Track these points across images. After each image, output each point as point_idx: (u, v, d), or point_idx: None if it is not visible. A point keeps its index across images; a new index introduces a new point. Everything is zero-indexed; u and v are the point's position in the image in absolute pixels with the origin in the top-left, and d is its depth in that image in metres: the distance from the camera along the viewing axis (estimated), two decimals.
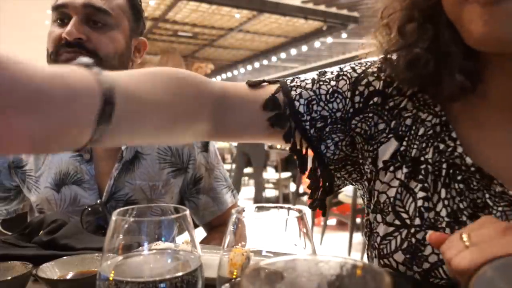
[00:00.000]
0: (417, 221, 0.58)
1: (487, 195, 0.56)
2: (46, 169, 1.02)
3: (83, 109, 0.38)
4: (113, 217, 0.40)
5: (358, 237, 3.71)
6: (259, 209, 0.46)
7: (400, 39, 0.60)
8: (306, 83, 0.66)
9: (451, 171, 0.58)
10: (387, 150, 0.62)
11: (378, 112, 0.64)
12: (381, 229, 0.61)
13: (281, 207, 0.45)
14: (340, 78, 0.66)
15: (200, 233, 1.12)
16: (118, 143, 0.48)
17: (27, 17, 4.39)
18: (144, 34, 1.09)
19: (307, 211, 0.60)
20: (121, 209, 0.41)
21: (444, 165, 0.59)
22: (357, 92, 0.65)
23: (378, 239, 0.61)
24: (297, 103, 0.64)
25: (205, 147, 1.10)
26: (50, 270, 0.61)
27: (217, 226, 1.12)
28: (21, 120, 0.34)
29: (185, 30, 8.00)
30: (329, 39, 8.04)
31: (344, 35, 7.60)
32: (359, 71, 0.66)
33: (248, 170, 6.73)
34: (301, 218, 0.42)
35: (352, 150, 0.67)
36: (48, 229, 0.79)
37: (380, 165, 0.63)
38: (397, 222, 0.60)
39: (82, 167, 1.01)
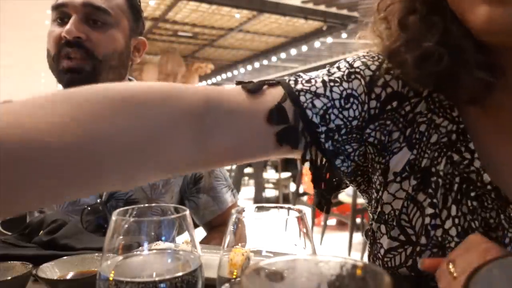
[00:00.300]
0: (423, 240, 0.53)
1: (502, 216, 0.51)
2: None
3: None
4: (113, 217, 0.40)
5: (358, 237, 3.71)
6: (259, 209, 0.46)
7: (402, 33, 0.53)
8: (317, 87, 0.55)
9: (464, 186, 0.52)
10: (399, 161, 0.56)
11: (394, 118, 0.56)
12: (385, 242, 0.57)
13: (281, 207, 0.45)
14: (353, 77, 0.56)
15: (200, 233, 1.12)
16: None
17: (27, 17, 4.40)
18: (144, 34, 1.10)
19: (307, 211, 0.56)
20: (121, 209, 0.41)
21: (457, 179, 0.52)
22: (373, 96, 0.56)
23: (382, 251, 0.57)
24: (309, 113, 0.53)
25: None
26: (50, 270, 0.61)
27: (217, 225, 1.12)
28: None
29: (185, 30, 8.00)
30: (329, 39, 8.04)
31: (344, 35, 7.60)
32: (373, 67, 0.57)
33: (248, 170, 6.73)
34: (301, 218, 0.42)
35: (364, 160, 0.59)
36: (48, 229, 0.80)
37: (391, 177, 0.56)
38: (402, 237, 0.55)
39: None
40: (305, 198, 4.43)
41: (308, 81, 0.56)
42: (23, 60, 4.50)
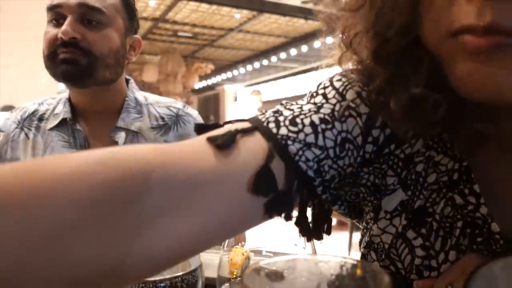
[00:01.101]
0: (414, 277, 0.48)
1: None
2: None
3: None
4: None
5: (358, 237, 3.71)
6: None
7: (379, 68, 0.43)
8: (306, 134, 0.43)
9: (468, 230, 0.46)
10: (392, 201, 0.50)
11: (390, 161, 0.49)
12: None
13: None
14: (347, 114, 0.46)
15: None
16: None
17: (27, 17, 4.39)
18: (144, 34, 1.12)
19: (307, 211, 0.47)
20: None
21: (459, 224, 0.47)
22: (370, 139, 0.47)
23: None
24: (304, 166, 0.42)
25: None
26: None
27: None
28: None
29: (185, 30, 8.00)
30: (329, 39, 8.03)
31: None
32: (368, 101, 0.47)
33: None
34: None
35: (355, 198, 0.54)
36: None
37: (382, 215, 0.51)
38: (392, 268, 0.51)
39: None
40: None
41: (293, 122, 0.43)
42: (23, 60, 4.50)
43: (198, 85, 11.53)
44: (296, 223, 0.44)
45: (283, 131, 0.42)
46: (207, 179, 0.35)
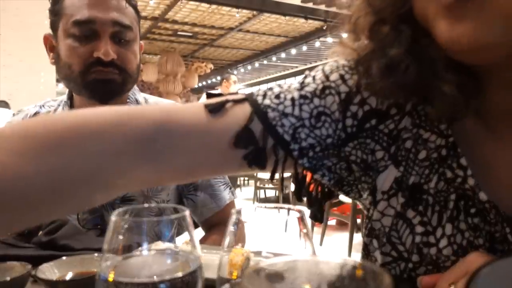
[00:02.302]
0: (416, 258, 0.51)
1: (507, 229, 0.48)
2: None
3: None
4: (113, 217, 0.39)
5: (359, 238, 3.71)
6: (259, 209, 0.46)
7: (370, 42, 0.49)
8: (285, 106, 0.52)
9: (462, 203, 0.50)
10: (386, 179, 0.53)
11: (375, 137, 0.53)
12: (379, 257, 0.55)
13: (281, 208, 0.45)
14: (327, 92, 0.53)
15: (200, 233, 1.12)
16: None
17: (28, 17, 4.39)
18: (144, 33, 1.11)
19: (307, 212, 0.55)
20: (121, 209, 0.41)
21: (453, 196, 0.50)
22: (349, 114, 0.53)
23: (377, 264, 0.56)
24: (280, 130, 0.51)
25: None
26: (49, 271, 0.60)
27: (215, 224, 1.12)
28: None
29: (185, 30, 8.00)
30: (330, 39, 8.03)
31: (344, 34, 7.59)
32: (350, 82, 0.53)
33: None
34: (301, 219, 0.41)
35: (349, 173, 0.57)
36: (47, 230, 0.79)
37: (379, 196, 0.54)
38: (393, 253, 0.53)
39: None
40: (305, 198, 4.42)
41: (277, 96, 0.53)
42: (23, 60, 4.50)
43: (198, 85, 11.52)
44: (271, 178, 0.55)
45: (267, 101, 0.52)
46: (198, 131, 0.49)
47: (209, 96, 0.53)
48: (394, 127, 0.53)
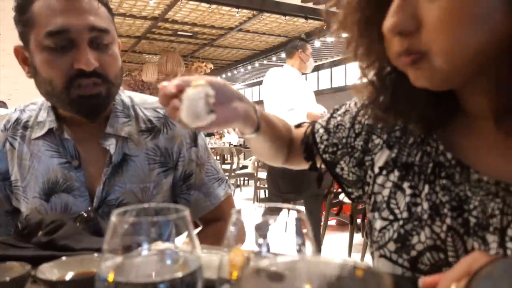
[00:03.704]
0: (405, 215, 0.65)
1: (467, 187, 0.60)
2: (32, 178, 0.98)
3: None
4: (113, 218, 0.39)
5: (359, 238, 3.71)
6: (259, 209, 0.45)
7: (374, 87, 0.67)
8: (325, 120, 0.85)
9: (436, 169, 0.64)
10: (381, 157, 0.72)
11: (373, 130, 0.75)
12: (378, 224, 0.68)
13: (281, 208, 0.45)
14: (347, 113, 0.81)
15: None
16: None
17: None
18: (144, 33, 1.09)
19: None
20: (121, 209, 0.41)
21: (430, 165, 0.65)
22: (356, 122, 0.78)
23: (376, 233, 0.68)
24: (317, 136, 0.84)
25: (194, 141, 1.08)
26: (49, 271, 0.60)
27: (212, 220, 1.11)
28: None
29: (185, 30, 8.00)
30: (329, 39, 8.03)
31: (344, 34, 7.59)
32: (358, 105, 0.79)
33: (248, 170, 6.72)
34: (301, 219, 0.41)
35: (359, 169, 0.77)
36: (47, 230, 0.79)
37: (377, 170, 0.72)
38: (390, 217, 0.67)
39: (71, 174, 0.97)
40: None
41: (325, 118, 0.85)
42: None
43: None
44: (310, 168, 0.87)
45: (320, 120, 0.86)
46: (296, 136, 0.89)
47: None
48: (385, 124, 0.74)
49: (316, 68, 11.02)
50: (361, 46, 0.65)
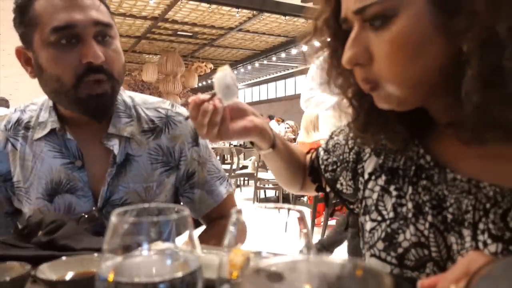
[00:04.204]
0: (392, 215, 0.69)
1: (444, 186, 0.64)
2: (35, 179, 0.98)
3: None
4: (113, 218, 0.39)
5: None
6: (259, 209, 0.45)
7: (353, 108, 0.73)
8: (325, 143, 0.92)
9: (418, 171, 0.69)
10: (370, 164, 0.78)
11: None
12: (368, 225, 0.73)
13: (281, 208, 0.45)
14: (342, 132, 0.88)
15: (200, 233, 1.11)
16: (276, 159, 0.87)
17: None
18: (144, 33, 1.09)
19: (307, 212, 0.60)
20: (121, 209, 0.41)
21: (413, 168, 0.70)
22: (349, 138, 0.85)
23: (366, 234, 0.72)
24: (320, 159, 0.90)
25: (196, 141, 1.08)
26: (49, 271, 0.60)
27: (215, 218, 1.12)
28: None
29: (185, 30, 8.00)
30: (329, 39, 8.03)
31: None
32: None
33: (248, 170, 6.72)
34: (301, 219, 0.41)
35: (354, 181, 0.82)
36: (47, 230, 0.79)
37: (366, 176, 0.77)
38: (379, 218, 0.71)
39: (75, 175, 0.97)
40: (305, 198, 4.42)
41: (325, 141, 0.92)
42: None
43: (198, 84, 11.52)
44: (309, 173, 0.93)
45: (322, 145, 0.93)
46: (301, 153, 0.96)
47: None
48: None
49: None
50: (338, 75, 0.72)
